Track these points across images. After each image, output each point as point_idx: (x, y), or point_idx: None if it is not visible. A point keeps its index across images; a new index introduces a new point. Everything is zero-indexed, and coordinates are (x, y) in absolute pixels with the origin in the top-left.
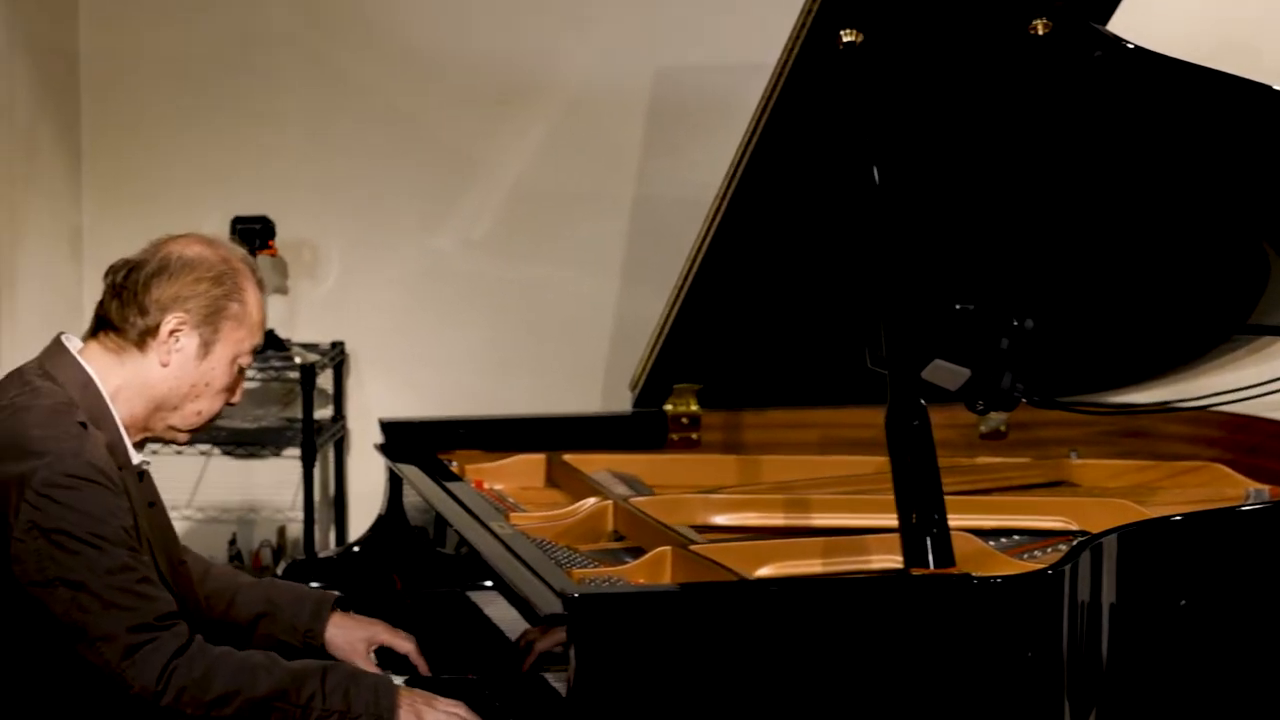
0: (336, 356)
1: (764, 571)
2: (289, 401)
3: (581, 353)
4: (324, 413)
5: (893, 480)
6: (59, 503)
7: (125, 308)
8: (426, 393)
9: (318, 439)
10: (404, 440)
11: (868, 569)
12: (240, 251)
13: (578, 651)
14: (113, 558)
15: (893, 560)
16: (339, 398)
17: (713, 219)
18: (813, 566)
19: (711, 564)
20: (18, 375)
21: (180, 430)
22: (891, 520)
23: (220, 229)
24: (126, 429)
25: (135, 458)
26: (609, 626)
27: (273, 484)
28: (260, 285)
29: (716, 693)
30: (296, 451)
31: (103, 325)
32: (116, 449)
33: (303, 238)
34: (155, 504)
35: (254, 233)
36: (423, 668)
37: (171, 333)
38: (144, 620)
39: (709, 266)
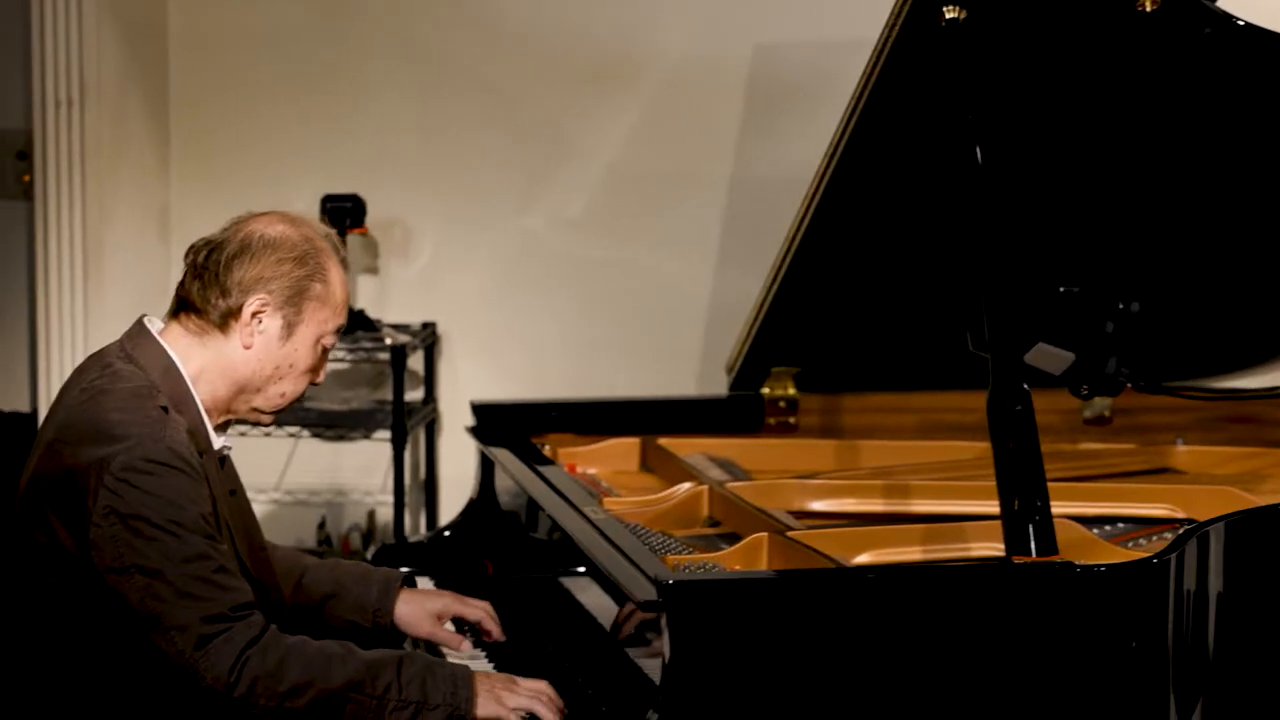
0: (428, 338)
1: (862, 559)
2: (379, 383)
3: (677, 334)
4: (415, 395)
5: (994, 466)
6: (137, 488)
7: (207, 289)
8: (519, 374)
9: (408, 421)
10: (496, 423)
11: (968, 557)
12: (323, 229)
13: (672, 639)
14: (189, 545)
15: (994, 548)
16: (430, 379)
17: (811, 199)
18: (912, 554)
19: (809, 550)
20: (99, 358)
21: (264, 412)
22: (993, 507)
23: (310, 208)
24: (208, 412)
25: (217, 442)
26: (705, 614)
27: (362, 467)
28: (344, 264)
29: (812, 681)
30: (387, 434)
31: (184, 306)
32: (197, 433)
33: (394, 216)
34: (236, 491)
35: (344, 211)
36: (495, 633)
37: (254, 315)
38: (218, 610)
39: (807, 247)
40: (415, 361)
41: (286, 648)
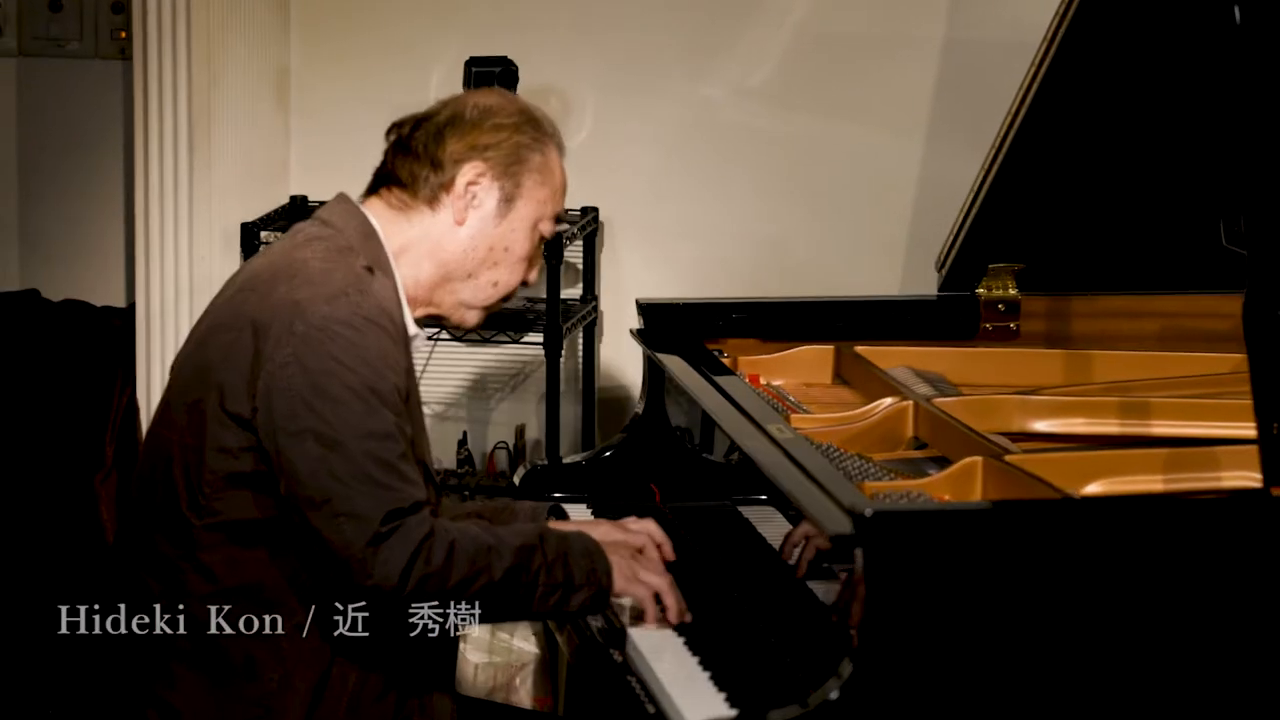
0: (588, 225)
1: (1092, 488)
2: None
3: (877, 224)
4: (572, 292)
5: (1250, 381)
6: (335, 342)
7: (414, 164)
8: (693, 269)
9: (564, 323)
10: (666, 325)
11: (1217, 487)
12: (540, 109)
13: (870, 579)
14: (379, 420)
15: (1249, 477)
16: (590, 274)
17: (1038, 66)
18: (1151, 483)
19: (1030, 478)
20: (289, 230)
21: (471, 307)
22: (1248, 430)
23: (453, 73)
24: (409, 300)
25: (411, 329)
26: (908, 550)
27: (511, 375)
28: (561, 149)
29: (1033, 628)
30: (539, 337)
31: (386, 182)
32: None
33: (550, 84)
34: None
35: (492, 77)
36: (665, 555)
37: (469, 185)
38: (398, 506)
39: (1034, 122)
40: (573, 253)
41: (451, 541)
